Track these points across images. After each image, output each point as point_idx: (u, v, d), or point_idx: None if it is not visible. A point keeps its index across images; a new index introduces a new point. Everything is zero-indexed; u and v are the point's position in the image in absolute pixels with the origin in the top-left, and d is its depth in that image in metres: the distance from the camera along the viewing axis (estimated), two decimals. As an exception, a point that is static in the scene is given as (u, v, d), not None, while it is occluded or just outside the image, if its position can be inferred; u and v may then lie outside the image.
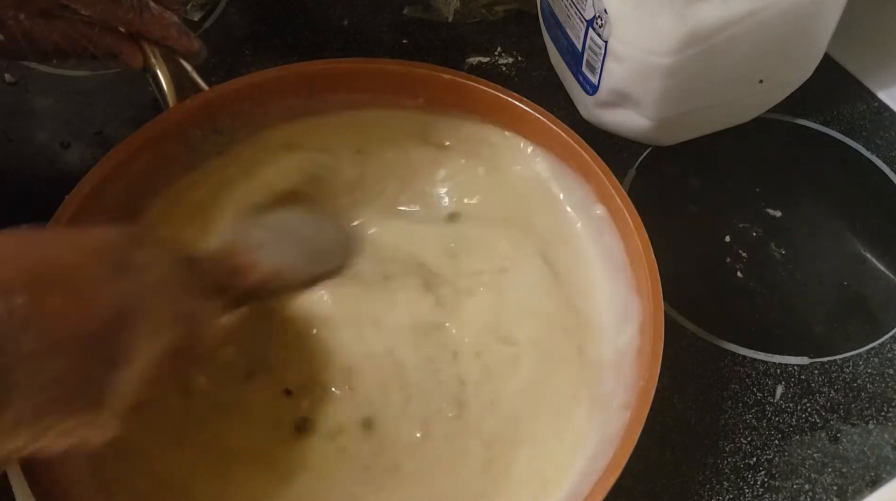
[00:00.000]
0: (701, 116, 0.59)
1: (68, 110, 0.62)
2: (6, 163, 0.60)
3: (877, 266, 0.57)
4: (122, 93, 0.63)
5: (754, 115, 0.62)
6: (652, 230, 0.46)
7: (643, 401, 0.40)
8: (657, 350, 0.42)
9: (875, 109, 0.64)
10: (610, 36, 0.53)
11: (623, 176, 0.59)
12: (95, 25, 0.51)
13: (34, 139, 0.61)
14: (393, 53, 0.66)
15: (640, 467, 0.39)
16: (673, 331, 0.52)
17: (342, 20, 0.68)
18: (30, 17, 0.49)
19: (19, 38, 0.49)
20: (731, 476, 0.48)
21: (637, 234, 0.46)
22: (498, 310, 0.48)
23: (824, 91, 0.63)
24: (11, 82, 0.64)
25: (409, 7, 0.69)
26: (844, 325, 0.54)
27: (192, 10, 0.67)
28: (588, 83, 0.58)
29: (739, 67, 0.55)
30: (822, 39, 0.59)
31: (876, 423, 0.50)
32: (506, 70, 0.65)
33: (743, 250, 0.57)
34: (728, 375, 0.52)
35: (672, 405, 0.50)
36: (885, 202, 0.59)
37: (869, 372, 0.52)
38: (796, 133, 0.63)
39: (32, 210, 0.56)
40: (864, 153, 0.61)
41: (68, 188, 0.46)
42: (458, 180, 0.53)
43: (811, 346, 0.53)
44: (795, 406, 0.51)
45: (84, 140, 0.61)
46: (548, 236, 0.51)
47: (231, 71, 0.63)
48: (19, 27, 0.49)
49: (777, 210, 0.59)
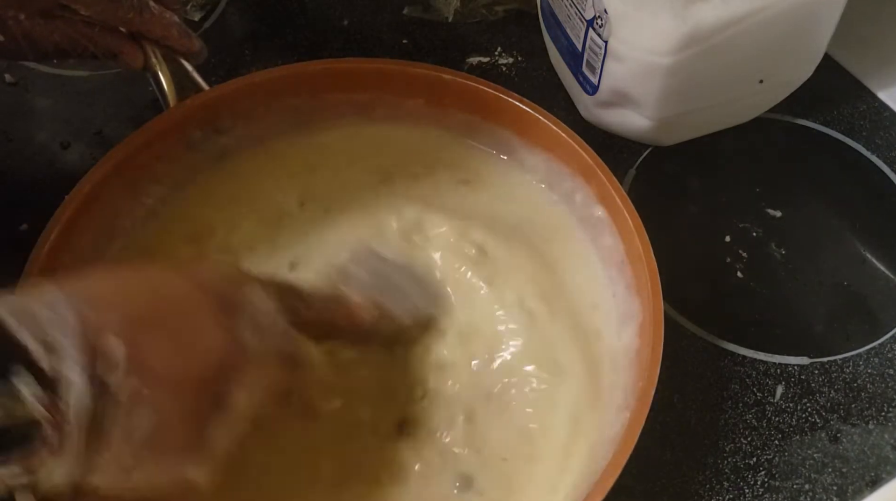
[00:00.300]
0: (701, 116, 0.59)
1: (68, 110, 0.62)
2: (6, 163, 0.60)
3: (877, 266, 0.57)
4: (122, 93, 0.63)
5: (754, 115, 0.62)
6: (652, 230, 0.46)
7: (643, 401, 0.40)
8: (657, 350, 0.42)
9: (875, 109, 0.64)
10: (610, 36, 0.53)
11: (623, 176, 0.59)
12: (96, 25, 0.51)
13: (34, 139, 0.61)
14: (393, 53, 0.66)
15: (640, 467, 0.39)
16: (673, 331, 0.52)
17: (342, 20, 0.68)
18: (30, 18, 0.49)
19: (20, 38, 0.49)
20: (731, 476, 0.48)
21: (637, 234, 0.46)
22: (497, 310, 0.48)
23: (824, 91, 0.63)
24: (11, 82, 0.64)
25: (409, 7, 0.69)
26: (844, 325, 0.54)
27: (192, 10, 0.67)
28: (588, 83, 0.58)
29: (739, 66, 0.55)
30: (822, 39, 0.59)
31: (876, 423, 0.50)
32: (506, 70, 0.65)
33: (743, 250, 0.57)
34: (728, 375, 0.52)
35: (672, 405, 0.50)
36: (885, 202, 0.59)
37: (869, 372, 0.52)
38: (796, 133, 0.63)
39: (32, 210, 0.57)
40: (864, 153, 0.61)
41: (68, 188, 0.46)
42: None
43: (811, 346, 0.53)
44: (795, 406, 0.51)
45: (84, 140, 0.61)
46: (548, 236, 0.51)
47: (231, 71, 0.63)
48: (20, 27, 0.49)
49: (777, 210, 0.59)
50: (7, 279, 0.43)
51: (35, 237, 0.44)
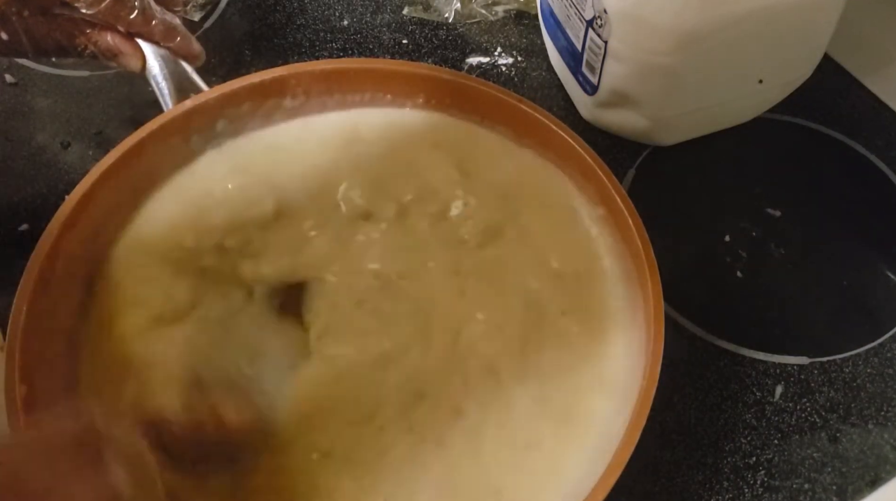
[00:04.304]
0: (701, 116, 0.59)
1: (68, 110, 0.63)
2: (6, 163, 0.60)
3: (877, 266, 0.57)
4: (122, 93, 0.63)
5: (754, 115, 0.62)
6: (652, 230, 0.46)
7: (644, 401, 0.40)
8: (657, 350, 0.42)
9: (875, 109, 0.64)
10: (610, 36, 0.53)
11: (623, 176, 0.59)
12: (96, 25, 0.51)
13: (34, 139, 0.61)
14: (393, 53, 0.66)
15: (640, 467, 0.39)
16: (673, 331, 0.52)
17: (342, 20, 0.68)
18: (32, 15, 0.49)
19: (21, 35, 0.49)
20: (731, 475, 0.48)
21: (637, 234, 0.46)
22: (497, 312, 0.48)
23: (824, 91, 0.63)
24: (12, 83, 0.64)
25: (409, 7, 0.69)
26: (844, 325, 0.54)
27: (192, 11, 0.67)
28: (588, 83, 0.58)
29: (739, 66, 0.55)
30: (822, 39, 0.59)
31: (875, 423, 0.50)
32: (506, 70, 0.65)
33: (743, 250, 0.57)
34: (728, 375, 0.52)
35: (672, 405, 0.50)
36: (885, 202, 0.59)
37: (868, 372, 0.52)
38: (796, 133, 0.63)
39: (32, 210, 0.57)
40: (864, 153, 0.61)
41: (68, 188, 0.46)
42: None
43: (811, 346, 0.53)
44: (795, 406, 0.51)
45: (84, 140, 0.61)
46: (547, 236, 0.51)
47: (231, 71, 0.63)
48: (22, 24, 0.49)
49: (777, 210, 0.59)
50: (7, 279, 0.44)
51: (35, 237, 0.44)
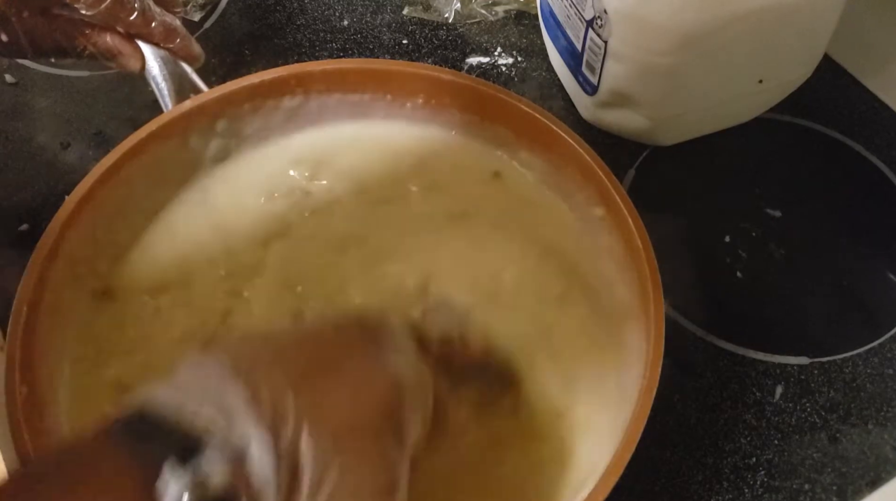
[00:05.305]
0: (701, 115, 0.59)
1: (68, 110, 0.62)
2: (6, 163, 0.60)
3: (876, 266, 0.57)
4: (122, 93, 0.63)
5: (754, 115, 0.62)
6: (652, 230, 0.46)
7: (643, 401, 0.40)
8: (657, 350, 0.42)
9: (875, 109, 0.64)
10: (610, 36, 0.53)
11: (623, 176, 0.59)
12: (96, 26, 0.51)
13: (34, 139, 0.61)
14: (393, 53, 0.66)
15: (640, 467, 0.39)
16: (673, 331, 0.52)
17: (342, 20, 0.68)
18: (32, 15, 0.49)
19: (21, 36, 0.49)
20: (731, 475, 0.48)
21: (637, 234, 0.46)
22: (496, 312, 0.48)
23: (824, 91, 0.63)
24: (12, 83, 0.64)
25: (409, 7, 0.69)
26: (844, 325, 0.54)
27: (192, 11, 0.67)
28: (588, 83, 0.58)
29: (739, 66, 0.55)
30: (822, 39, 0.59)
31: (875, 423, 0.50)
32: (506, 70, 0.65)
33: (743, 250, 0.57)
34: (728, 375, 0.52)
35: (672, 405, 0.50)
36: (885, 202, 0.59)
37: (868, 372, 0.52)
38: (796, 133, 0.63)
39: (32, 210, 0.57)
40: (864, 153, 0.61)
41: (68, 188, 0.46)
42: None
43: (811, 346, 0.53)
44: (795, 406, 0.51)
45: (84, 140, 0.61)
46: (548, 237, 0.51)
47: (231, 71, 0.63)
48: (22, 24, 0.49)
49: (777, 210, 0.59)
50: (7, 279, 0.44)
51: (35, 237, 0.44)
